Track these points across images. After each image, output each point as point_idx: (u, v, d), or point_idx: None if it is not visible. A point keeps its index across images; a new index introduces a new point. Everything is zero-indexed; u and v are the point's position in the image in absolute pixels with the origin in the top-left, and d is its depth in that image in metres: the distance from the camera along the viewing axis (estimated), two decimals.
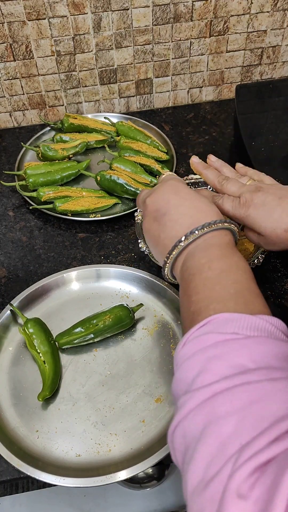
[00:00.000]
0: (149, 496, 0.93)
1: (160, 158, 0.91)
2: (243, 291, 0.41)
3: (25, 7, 0.85)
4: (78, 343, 0.63)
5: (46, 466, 0.53)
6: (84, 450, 0.56)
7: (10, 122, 1.01)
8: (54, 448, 0.56)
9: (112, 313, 0.64)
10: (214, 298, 0.41)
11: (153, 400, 0.60)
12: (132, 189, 0.82)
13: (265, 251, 0.65)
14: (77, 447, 0.56)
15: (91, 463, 0.55)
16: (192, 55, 0.99)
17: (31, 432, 0.58)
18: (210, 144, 0.97)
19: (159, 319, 0.68)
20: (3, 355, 0.64)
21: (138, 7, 0.89)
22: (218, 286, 0.42)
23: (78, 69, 0.96)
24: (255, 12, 0.95)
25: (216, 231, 0.48)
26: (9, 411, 0.59)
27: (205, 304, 0.41)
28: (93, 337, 0.64)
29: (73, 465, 0.55)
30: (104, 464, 0.55)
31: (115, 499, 0.94)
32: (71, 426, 0.58)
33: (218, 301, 0.40)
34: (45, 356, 0.61)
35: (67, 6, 0.86)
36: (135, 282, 0.71)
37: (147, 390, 0.61)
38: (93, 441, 0.57)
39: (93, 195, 0.83)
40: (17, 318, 0.67)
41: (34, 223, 0.83)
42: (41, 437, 0.57)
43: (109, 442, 0.57)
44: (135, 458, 0.54)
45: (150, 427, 0.58)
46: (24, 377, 0.62)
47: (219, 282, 0.42)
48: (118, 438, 0.57)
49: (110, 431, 0.57)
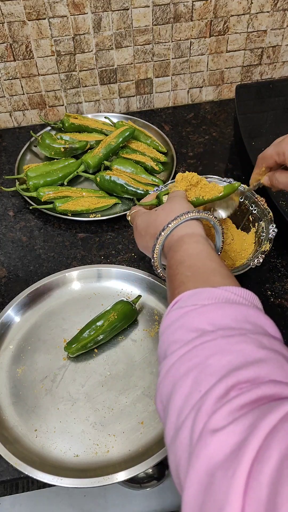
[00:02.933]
0: (149, 496, 0.93)
1: (159, 160, 0.91)
2: (199, 271, 0.47)
3: (25, 7, 0.84)
4: (89, 347, 0.64)
5: (44, 466, 0.53)
6: (82, 450, 0.56)
7: (10, 122, 1.01)
8: (53, 448, 0.56)
9: (115, 310, 0.65)
10: (177, 285, 0.46)
11: (152, 402, 0.60)
12: (132, 189, 0.82)
13: (265, 251, 0.65)
14: (75, 447, 0.56)
15: (89, 463, 0.55)
16: (192, 55, 0.99)
17: (30, 431, 0.58)
18: (210, 144, 0.97)
19: (160, 321, 0.68)
20: (3, 353, 0.64)
21: (138, 7, 0.89)
22: (178, 275, 0.47)
23: (78, 69, 0.96)
24: (255, 12, 0.95)
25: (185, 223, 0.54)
26: (8, 409, 0.59)
27: (171, 291, 0.47)
28: (103, 338, 0.64)
29: (71, 465, 0.55)
30: (102, 465, 0.55)
31: (115, 499, 0.94)
32: (70, 426, 0.58)
33: (179, 285, 0.46)
34: None
35: (67, 6, 0.86)
36: (136, 282, 0.71)
37: (147, 391, 0.61)
38: (91, 442, 0.57)
39: (93, 195, 0.83)
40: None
41: (34, 223, 0.83)
42: (39, 436, 0.57)
43: (107, 443, 0.57)
44: (133, 459, 0.54)
45: (148, 429, 0.57)
46: (24, 376, 0.62)
47: (177, 272, 0.48)
48: (117, 439, 0.57)
49: (109, 432, 0.57)
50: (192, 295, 0.42)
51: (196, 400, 0.32)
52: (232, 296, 0.41)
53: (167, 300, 0.49)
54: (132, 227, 0.81)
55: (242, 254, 0.69)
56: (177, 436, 0.32)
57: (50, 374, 0.62)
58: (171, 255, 0.52)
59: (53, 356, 0.64)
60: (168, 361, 0.37)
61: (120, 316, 0.64)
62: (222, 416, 0.29)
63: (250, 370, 0.32)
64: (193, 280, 0.45)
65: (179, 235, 0.53)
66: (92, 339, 0.63)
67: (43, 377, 0.62)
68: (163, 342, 0.41)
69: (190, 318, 0.39)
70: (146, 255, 0.74)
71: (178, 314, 0.41)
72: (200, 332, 0.38)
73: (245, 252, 0.70)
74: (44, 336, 0.66)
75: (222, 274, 0.46)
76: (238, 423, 0.28)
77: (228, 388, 0.31)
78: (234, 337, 0.35)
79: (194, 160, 0.94)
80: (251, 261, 0.65)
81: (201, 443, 0.29)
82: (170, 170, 0.90)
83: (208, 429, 0.29)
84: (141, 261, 0.75)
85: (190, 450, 0.30)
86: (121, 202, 0.84)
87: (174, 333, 0.40)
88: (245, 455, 0.26)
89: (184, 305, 0.41)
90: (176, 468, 0.32)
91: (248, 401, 0.30)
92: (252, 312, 0.39)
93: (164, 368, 0.37)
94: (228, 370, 0.32)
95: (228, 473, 0.26)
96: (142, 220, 0.60)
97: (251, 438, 0.27)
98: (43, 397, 0.60)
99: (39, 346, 0.65)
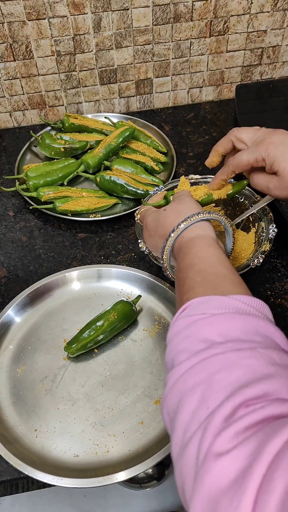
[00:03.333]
0: (149, 496, 0.93)
1: (159, 160, 0.91)
2: (209, 276, 0.45)
3: (25, 7, 0.84)
4: (89, 347, 0.64)
5: (44, 466, 0.53)
6: (82, 450, 0.56)
7: (10, 122, 1.01)
8: (53, 448, 0.56)
9: (115, 310, 0.64)
10: (186, 290, 0.45)
11: (152, 402, 0.60)
12: (132, 189, 0.82)
13: (265, 251, 0.65)
14: (75, 448, 0.56)
15: (88, 463, 0.55)
16: (192, 55, 0.99)
17: (30, 431, 0.58)
18: (210, 144, 0.97)
19: (160, 321, 0.68)
20: (3, 353, 0.64)
21: (138, 7, 0.89)
22: (187, 280, 0.46)
23: (78, 69, 0.96)
24: (255, 12, 0.95)
25: (195, 224, 0.52)
26: (8, 409, 0.59)
27: (180, 296, 0.46)
28: (103, 338, 0.64)
29: (71, 465, 0.55)
30: (101, 465, 0.55)
31: (115, 499, 0.94)
32: (69, 426, 0.58)
33: (188, 291, 0.45)
34: None
35: (67, 6, 0.86)
36: (136, 282, 0.71)
37: (147, 391, 0.61)
38: (91, 442, 0.57)
39: (93, 195, 0.83)
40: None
41: (34, 223, 0.83)
42: (39, 436, 0.57)
43: (107, 443, 0.57)
44: (133, 460, 0.54)
45: (148, 429, 0.57)
46: (24, 376, 0.62)
47: (187, 276, 0.47)
48: (116, 439, 0.57)
49: (109, 432, 0.57)
50: (202, 303, 0.41)
51: (203, 418, 0.31)
52: (242, 306, 0.40)
53: (176, 305, 0.48)
54: (133, 228, 0.81)
55: (242, 254, 0.69)
56: (183, 454, 0.32)
57: (50, 374, 0.62)
58: (181, 257, 0.50)
59: (53, 356, 0.64)
60: (175, 372, 0.37)
61: (120, 316, 0.64)
62: (227, 439, 0.29)
63: (257, 388, 0.31)
64: (202, 286, 0.44)
65: (190, 237, 0.51)
66: (92, 339, 0.63)
67: (43, 377, 0.62)
68: (170, 351, 0.40)
69: (199, 327, 0.39)
70: (146, 255, 0.74)
71: (186, 322, 0.40)
72: (208, 343, 0.37)
73: (245, 252, 0.69)
74: (44, 336, 0.66)
75: (232, 281, 0.45)
76: (243, 447, 0.28)
77: (235, 407, 0.30)
78: (244, 351, 0.35)
79: (194, 160, 0.94)
80: (251, 261, 0.65)
81: (205, 467, 0.28)
82: (170, 170, 0.90)
83: (213, 452, 0.29)
84: (141, 261, 0.75)
85: (196, 470, 0.30)
86: (121, 202, 0.84)
87: (182, 342, 0.39)
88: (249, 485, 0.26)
89: (193, 313, 0.40)
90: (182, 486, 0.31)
91: (254, 421, 0.29)
92: (262, 324, 0.38)
93: (171, 380, 0.37)
94: (235, 387, 0.32)
95: (232, 504, 0.26)
96: (151, 220, 0.59)
97: (255, 465, 0.26)
98: (43, 397, 0.60)
99: (39, 346, 0.65)
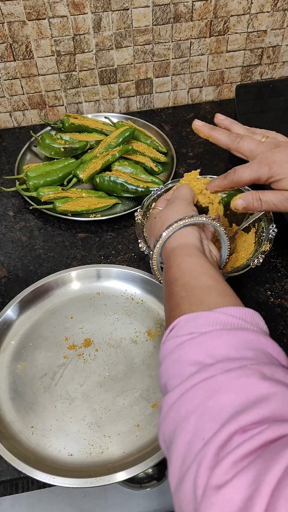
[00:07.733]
0: (149, 496, 0.93)
1: (159, 160, 0.91)
2: (193, 290, 0.44)
3: (25, 7, 0.85)
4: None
5: (38, 464, 0.53)
6: (77, 450, 0.56)
7: (10, 122, 1.02)
8: (48, 445, 0.56)
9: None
10: (172, 307, 0.44)
11: (150, 406, 0.59)
12: (132, 187, 0.82)
13: (265, 251, 0.65)
14: (70, 447, 0.56)
15: (82, 463, 0.55)
16: (192, 55, 0.99)
17: (26, 427, 0.58)
18: (210, 144, 0.97)
19: (162, 323, 0.67)
20: (5, 349, 0.65)
21: (138, 7, 0.89)
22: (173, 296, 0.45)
23: (78, 69, 0.96)
24: (255, 12, 0.95)
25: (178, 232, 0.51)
26: (6, 405, 0.59)
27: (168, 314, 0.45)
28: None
29: (64, 464, 0.55)
30: (95, 465, 0.54)
31: (115, 499, 0.94)
32: (66, 424, 0.58)
33: (175, 308, 0.43)
34: None
35: (67, 6, 0.86)
36: (138, 283, 0.71)
37: (145, 394, 0.60)
38: (86, 442, 0.57)
39: (93, 195, 0.83)
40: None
41: (34, 223, 0.83)
42: (35, 433, 0.57)
43: (102, 444, 0.56)
44: (127, 462, 0.54)
45: (144, 432, 0.57)
46: (24, 372, 0.62)
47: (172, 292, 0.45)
48: (112, 440, 0.57)
49: (104, 433, 0.57)
50: (189, 321, 0.40)
51: (198, 449, 0.30)
52: (230, 319, 0.39)
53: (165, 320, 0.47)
54: (133, 228, 0.81)
55: (242, 254, 0.69)
56: (181, 487, 0.31)
57: (50, 371, 0.62)
58: (165, 271, 0.49)
59: (53, 353, 0.64)
60: (169, 399, 0.36)
61: None
62: (225, 470, 0.28)
63: (253, 413, 0.30)
64: (188, 302, 0.43)
65: (171, 247, 0.50)
66: None
67: (43, 374, 0.62)
68: (162, 374, 0.40)
69: (187, 350, 0.38)
70: (146, 255, 0.74)
71: (174, 345, 0.39)
72: (198, 366, 0.36)
73: (245, 252, 0.69)
74: (46, 333, 0.66)
75: (218, 292, 0.44)
76: (242, 476, 0.27)
77: (230, 435, 0.29)
78: (234, 371, 0.34)
79: (194, 160, 0.94)
80: (251, 261, 0.65)
81: (205, 502, 0.27)
82: (170, 170, 0.90)
83: (212, 485, 0.28)
84: (141, 261, 0.75)
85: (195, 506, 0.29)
86: (121, 202, 0.84)
87: (173, 367, 0.38)
88: None
89: (181, 333, 0.39)
90: None
91: (253, 448, 0.28)
92: (252, 337, 0.38)
93: (165, 407, 0.36)
94: (229, 414, 0.31)
95: None
96: (147, 226, 0.58)
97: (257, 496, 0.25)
98: (41, 394, 0.60)
99: (40, 343, 0.65)
